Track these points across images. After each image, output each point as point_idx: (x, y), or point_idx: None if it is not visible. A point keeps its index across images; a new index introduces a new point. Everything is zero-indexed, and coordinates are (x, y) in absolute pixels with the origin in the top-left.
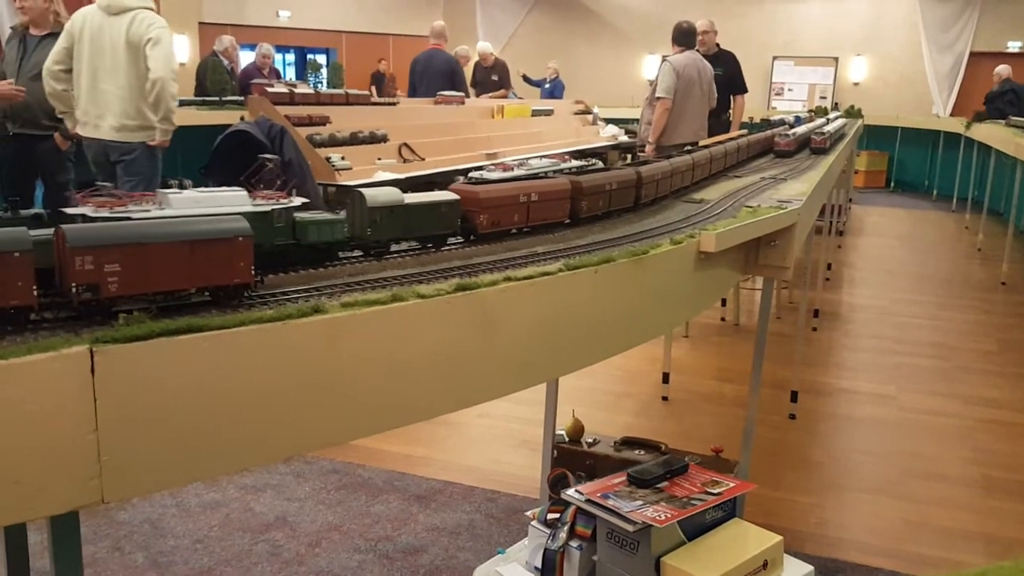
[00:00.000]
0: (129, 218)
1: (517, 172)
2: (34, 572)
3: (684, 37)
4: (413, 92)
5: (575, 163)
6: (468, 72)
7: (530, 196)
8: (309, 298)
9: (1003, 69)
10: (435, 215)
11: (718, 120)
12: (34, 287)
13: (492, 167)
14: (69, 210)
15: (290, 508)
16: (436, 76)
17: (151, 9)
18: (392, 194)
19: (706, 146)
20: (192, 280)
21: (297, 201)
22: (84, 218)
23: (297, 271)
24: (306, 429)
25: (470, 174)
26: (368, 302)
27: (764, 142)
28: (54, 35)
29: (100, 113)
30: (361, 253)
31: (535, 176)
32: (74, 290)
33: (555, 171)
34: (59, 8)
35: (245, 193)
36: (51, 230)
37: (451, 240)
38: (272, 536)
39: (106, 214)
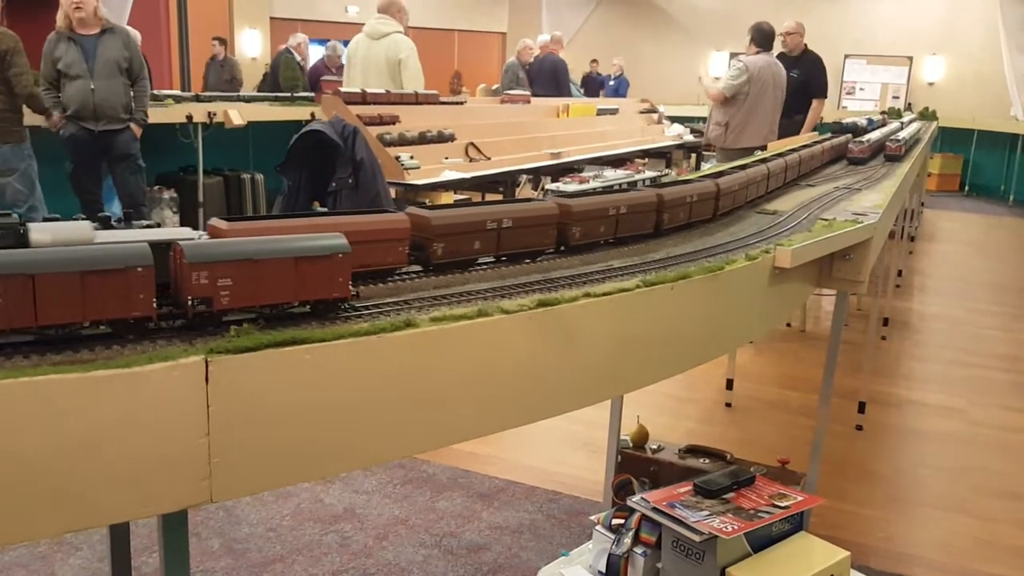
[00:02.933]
0: None
1: (593, 185)
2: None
3: (763, 39)
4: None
5: (649, 174)
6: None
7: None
8: (400, 311)
9: None
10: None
11: (791, 121)
12: (154, 299)
13: (569, 179)
14: None
15: (358, 501)
16: (542, 77)
17: (400, 32)
18: (73, 232)
19: (781, 154)
20: (296, 294)
21: None
22: None
23: (387, 283)
24: (398, 436)
25: (547, 187)
26: (455, 317)
27: (837, 148)
28: (108, 31)
29: None
30: None
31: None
32: (190, 302)
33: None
34: (99, 5)
35: None
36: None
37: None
38: (341, 527)
39: None
